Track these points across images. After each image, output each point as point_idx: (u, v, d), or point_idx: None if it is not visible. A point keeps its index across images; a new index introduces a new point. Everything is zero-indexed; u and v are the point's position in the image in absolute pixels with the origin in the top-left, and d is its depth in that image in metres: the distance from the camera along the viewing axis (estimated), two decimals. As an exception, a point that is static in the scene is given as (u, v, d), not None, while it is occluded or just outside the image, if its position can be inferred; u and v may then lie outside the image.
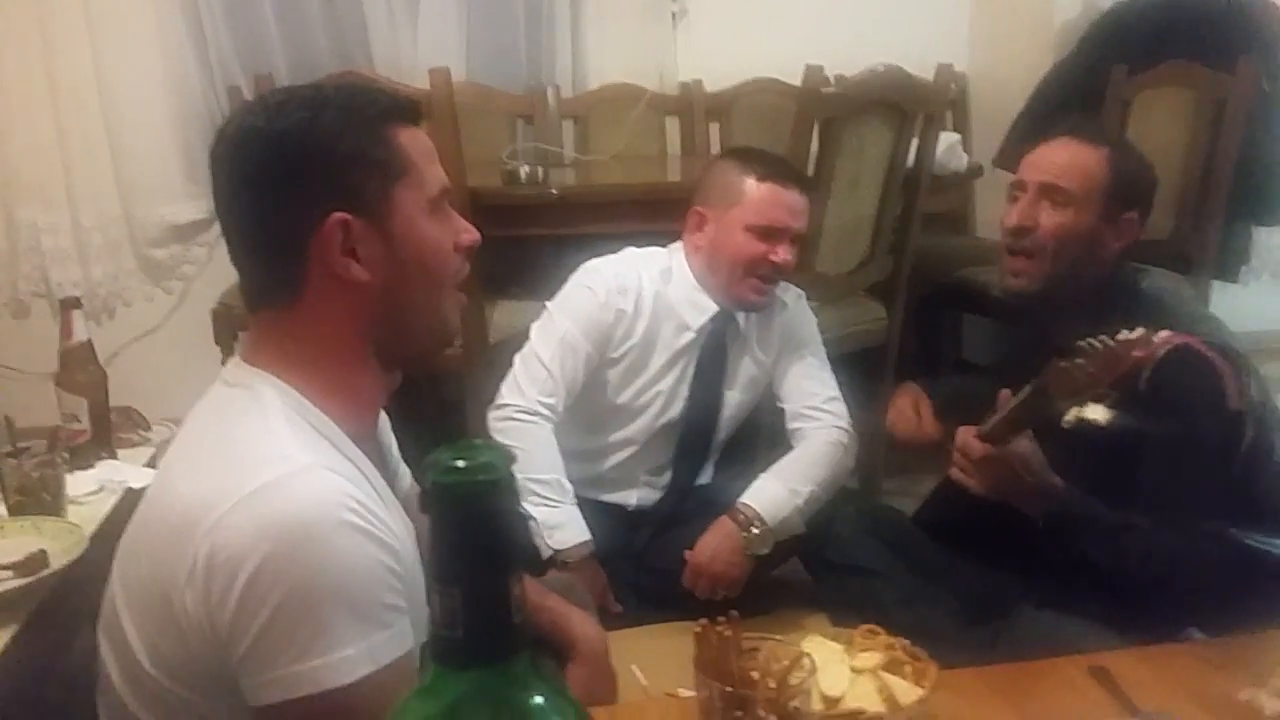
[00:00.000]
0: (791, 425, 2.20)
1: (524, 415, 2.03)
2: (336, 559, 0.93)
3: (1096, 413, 1.35)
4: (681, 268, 2.13)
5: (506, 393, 2.06)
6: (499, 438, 2.01)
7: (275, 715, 0.93)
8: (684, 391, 2.15)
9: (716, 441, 2.26)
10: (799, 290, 2.26)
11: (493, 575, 0.55)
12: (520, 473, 0.56)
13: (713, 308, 2.11)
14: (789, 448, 2.18)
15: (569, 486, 2.05)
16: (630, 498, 2.23)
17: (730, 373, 2.19)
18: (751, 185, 2.02)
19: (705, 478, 2.34)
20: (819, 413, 2.19)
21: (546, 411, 2.03)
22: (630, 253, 2.14)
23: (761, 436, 2.30)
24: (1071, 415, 1.36)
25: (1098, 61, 3.33)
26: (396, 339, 1.09)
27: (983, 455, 1.54)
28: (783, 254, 2.03)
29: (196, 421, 1.07)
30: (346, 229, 1.02)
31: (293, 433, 1.00)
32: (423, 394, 2.16)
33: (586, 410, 2.15)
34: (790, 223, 2.04)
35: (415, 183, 1.06)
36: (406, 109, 1.09)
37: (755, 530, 2.02)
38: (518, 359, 2.08)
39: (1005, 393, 1.55)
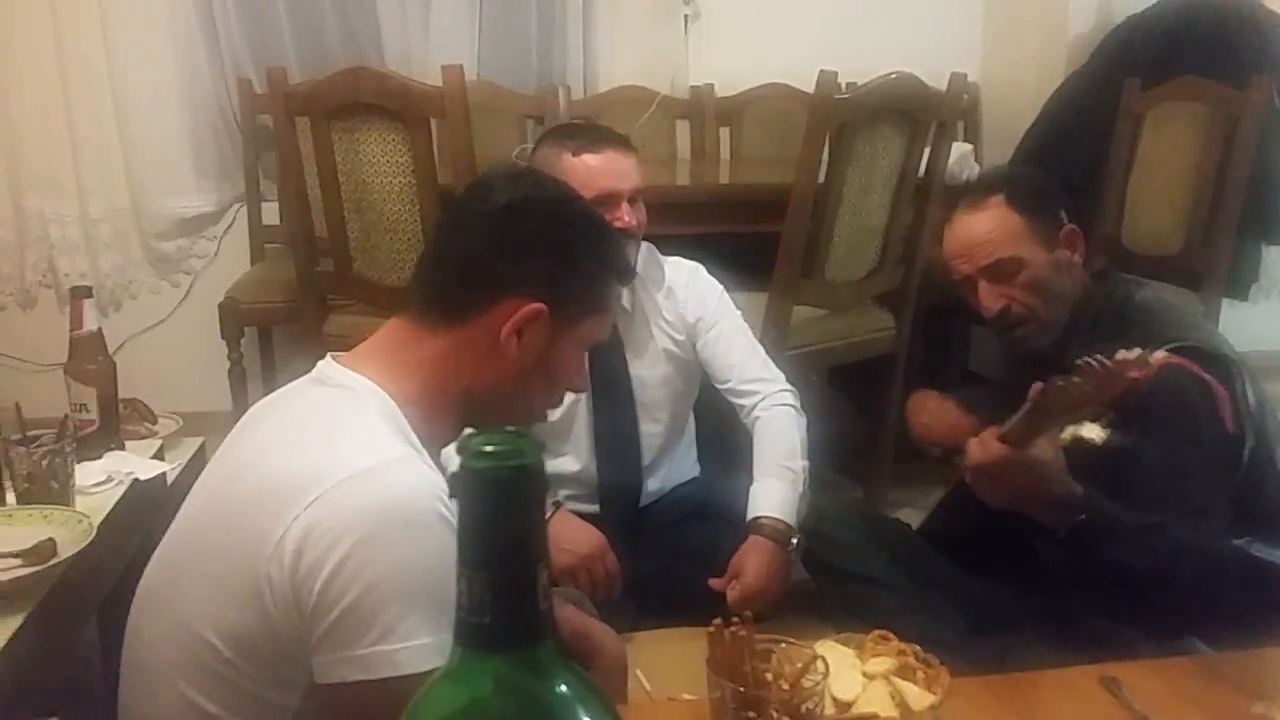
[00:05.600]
0: (736, 402, 2.15)
1: None
2: (429, 549, 0.95)
3: (1092, 432, 1.34)
4: None
5: None
6: None
7: (342, 696, 0.95)
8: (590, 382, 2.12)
9: (650, 430, 2.17)
10: (694, 264, 2.20)
11: (521, 561, 0.54)
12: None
13: None
14: (746, 431, 2.14)
15: None
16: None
17: (633, 350, 2.13)
18: (569, 161, 1.98)
19: (690, 471, 2.30)
20: (757, 383, 2.14)
21: None
22: None
23: (741, 424, 2.25)
24: (1067, 434, 1.35)
25: (1110, 74, 3.32)
26: (488, 410, 1.15)
27: (1000, 458, 1.44)
28: (626, 216, 1.99)
29: (286, 408, 1.14)
30: (537, 318, 1.12)
31: (389, 429, 1.05)
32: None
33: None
34: (619, 185, 1.98)
35: (598, 323, 1.21)
36: (630, 275, 1.28)
37: (794, 543, 2.00)
38: None
39: (1038, 383, 1.44)
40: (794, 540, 1.99)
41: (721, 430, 2.33)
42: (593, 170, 1.99)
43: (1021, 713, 1.17)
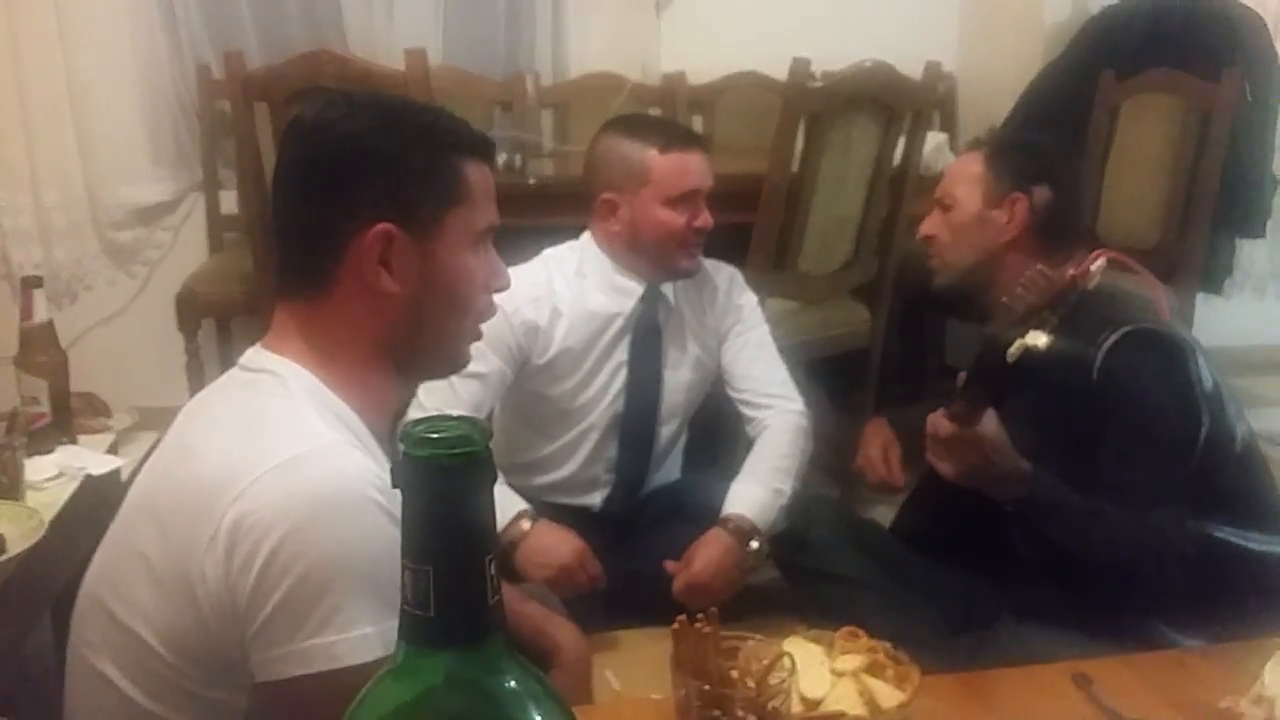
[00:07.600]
0: (747, 414, 2.16)
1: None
2: (362, 536, 0.93)
3: (1037, 339, 1.38)
4: (596, 258, 2.07)
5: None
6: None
7: (283, 692, 0.93)
8: (625, 378, 2.10)
9: (664, 432, 2.19)
10: (732, 269, 2.21)
11: (467, 553, 0.52)
12: None
13: (640, 287, 2.06)
14: (749, 440, 2.14)
15: None
16: (595, 499, 2.18)
17: (669, 352, 2.13)
18: (656, 158, 1.96)
19: (672, 474, 2.29)
20: (773, 399, 2.14)
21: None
22: (544, 256, 2.08)
23: (727, 430, 2.24)
24: (1015, 346, 1.39)
25: (1086, 65, 3.33)
26: (410, 353, 1.11)
27: (950, 435, 1.53)
28: (704, 217, 2.00)
29: (214, 401, 1.10)
30: (389, 240, 1.05)
31: (318, 414, 1.02)
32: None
33: (537, 418, 2.11)
34: (702, 184, 2.00)
35: (468, 213, 1.09)
36: (482, 146, 1.13)
37: (755, 544, 1.97)
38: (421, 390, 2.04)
39: (963, 374, 1.55)
40: (754, 543, 1.97)
41: (700, 433, 2.31)
42: (681, 168, 1.98)
43: (993, 710, 1.16)
